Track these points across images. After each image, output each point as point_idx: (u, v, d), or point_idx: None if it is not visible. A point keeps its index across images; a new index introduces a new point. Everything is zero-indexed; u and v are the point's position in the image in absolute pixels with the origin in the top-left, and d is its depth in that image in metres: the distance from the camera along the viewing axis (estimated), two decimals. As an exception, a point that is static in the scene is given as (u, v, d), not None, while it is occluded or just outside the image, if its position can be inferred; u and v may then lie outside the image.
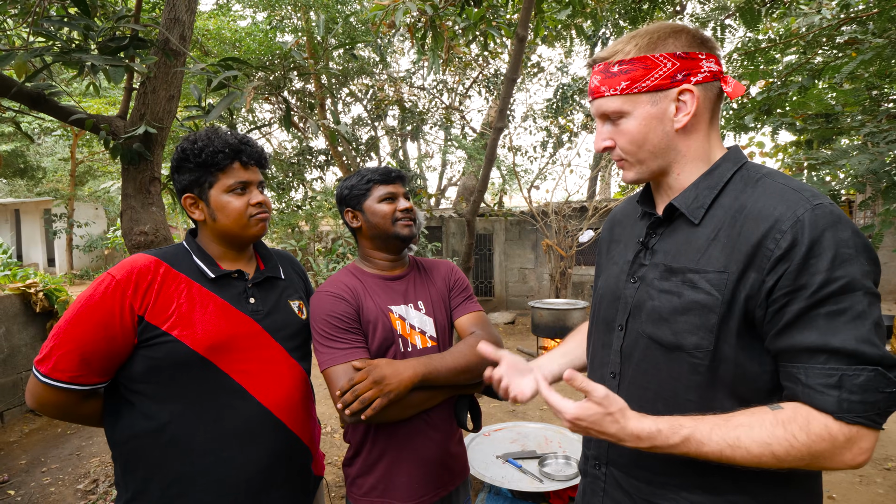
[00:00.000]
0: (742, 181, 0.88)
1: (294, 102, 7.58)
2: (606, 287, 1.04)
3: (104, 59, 1.84)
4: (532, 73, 9.10)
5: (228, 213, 1.22)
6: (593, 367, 1.09)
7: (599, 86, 0.91)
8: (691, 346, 0.84)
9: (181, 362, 1.11)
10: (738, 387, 0.83)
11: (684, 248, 0.89)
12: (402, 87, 8.46)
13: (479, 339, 1.35)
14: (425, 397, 1.28)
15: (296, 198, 9.33)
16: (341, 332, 1.28)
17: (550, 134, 8.95)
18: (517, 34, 2.72)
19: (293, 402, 1.24)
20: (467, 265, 4.05)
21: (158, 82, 2.37)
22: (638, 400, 0.93)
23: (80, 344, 1.06)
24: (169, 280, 1.15)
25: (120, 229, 8.25)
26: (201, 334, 1.13)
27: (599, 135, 0.94)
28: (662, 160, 0.92)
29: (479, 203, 3.66)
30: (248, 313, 1.21)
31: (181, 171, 1.22)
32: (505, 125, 3.45)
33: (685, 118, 0.88)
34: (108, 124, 2.34)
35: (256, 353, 1.20)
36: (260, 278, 1.28)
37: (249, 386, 1.17)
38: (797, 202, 0.79)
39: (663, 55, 0.87)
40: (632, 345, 0.94)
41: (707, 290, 0.83)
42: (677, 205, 0.91)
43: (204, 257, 1.23)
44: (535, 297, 9.20)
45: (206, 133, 1.23)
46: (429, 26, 2.78)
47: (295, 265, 1.47)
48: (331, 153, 8.79)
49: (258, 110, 9.42)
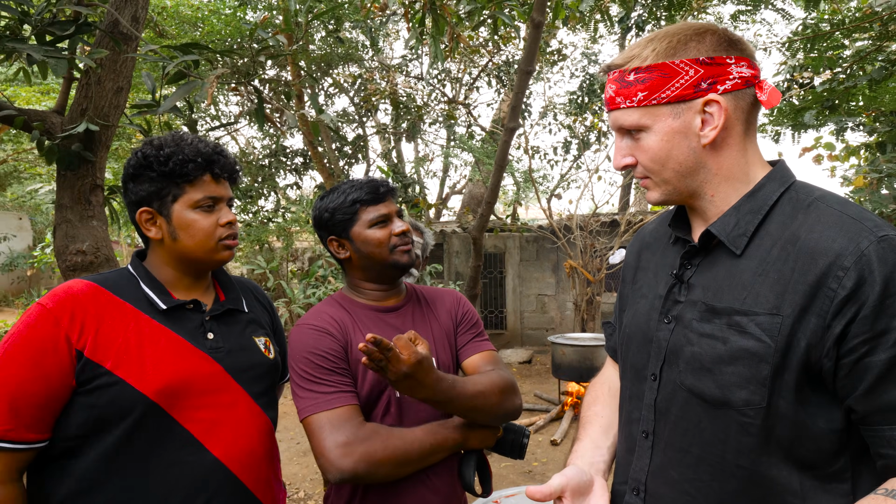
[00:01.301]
0: (791, 205, 0.90)
1: (267, 93, 7.70)
2: (635, 326, 1.04)
3: (43, 50, 1.88)
4: (552, 61, 9.24)
5: (193, 232, 1.23)
6: (622, 423, 1.08)
7: (615, 96, 0.94)
8: (740, 402, 0.84)
9: (127, 409, 1.10)
10: (797, 449, 0.83)
11: (727, 285, 0.90)
12: (397, 78, 8.58)
13: (499, 376, 1.36)
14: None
15: (266, 207, 9.40)
16: (326, 372, 1.28)
17: (574, 133, 9.05)
18: (532, 19, 2.78)
19: (255, 457, 1.25)
20: (474, 292, 4.06)
21: (104, 72, 2.41)
22: (678, 465, 0.92)
23: (8, 388, 1.06)
24: (112, 310, 1.15)
25: (49, 245, 8.27)
26: (152, 375, 1.12)
27: (619, 150, 0.97)
28: (691, 180, 0.94)
29: (488, 216, 3.70)
30: (207, 351, 1.22)
31: (139, 180, 1.23)
32: (518, 125, 3.50)
33: (713, 132, 0.90)
34: (41, 121, 2.37)
35: (215, 397, 1.20)
36: (220, 310, 1.30)
37: (204, 437, 1.17)
38: (859, 233, 0.81)
39: (684, 61, 0.89)
40: (668, 398, 0.95)
41: (757, 336, 0.84)
42: (715, 232, 0.93)
43: (153, 284, 1.24)
44: (556, 331, 9.18)
45: (174, 138, 1.25)
46: (428, 9, 2.85)
47: (259, 295, 1.49)
48: (310, 154, 8.88)
49: (223, 102, 9.56)
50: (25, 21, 1.98)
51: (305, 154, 9.25)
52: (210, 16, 7.08)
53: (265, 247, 8.46)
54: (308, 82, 7.49)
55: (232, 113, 9.55)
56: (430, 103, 9.14)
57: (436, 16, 2.88)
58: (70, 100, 2.50)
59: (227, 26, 6.92)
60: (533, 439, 5.29)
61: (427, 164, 11.45)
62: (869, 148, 3.49)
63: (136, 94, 7.00)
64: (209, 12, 7.15)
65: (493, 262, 9.76)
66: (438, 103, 9.18)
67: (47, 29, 1.99)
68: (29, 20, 1.97)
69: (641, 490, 0.98)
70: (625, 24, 5.95)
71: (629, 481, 1.01)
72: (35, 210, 16.48)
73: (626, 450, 1.03)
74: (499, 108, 9.84)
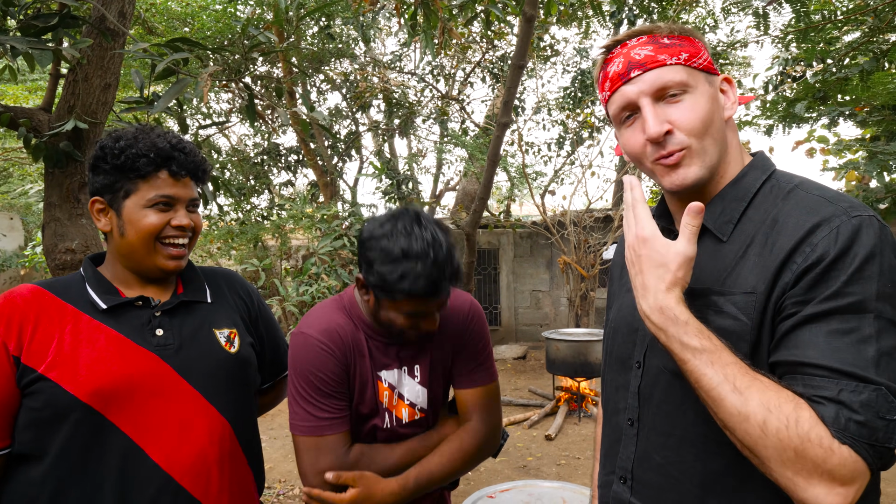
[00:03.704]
0: (772, 192, 0.92)
1: (258, 90, 7.65)
2: (620, 319, 1.05)
3: (27, 42, 1.85)
4: (545, 56, 9.24)
5: (138, 228, 1.17)
6: (607, 416, 1.09)
7: (655, 54, 0.91)
8: None
9: (61, 413, 1.07)
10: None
11: (708, 267, 0.92)
12: (389, 74, 8.55)
13: (476, 438, 1.36)
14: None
15: (260, 205, 9.37)
16: (324, 395, 1.26)
17: (567, 129, 9.05)
18: (524, 13, 2.77)
19: (206, 464, 1.17)
20: (467, 288, 4.06)
21: (92, 68, 2.39)
22: (661, 449, 0.93)
23: None
24: (51, 312, 1.13)
25: (40, 245, 8.22)
26: (84, 376, 1.08)
27: (656, 116, 0.90)
28: (719, 153, 0.94)
29: (482, 212, 3.69)
30: (152, 348, 1.16)
31: (96, 171, 1.21)
32: (511, 120, 3.49)
33: (734, 106, 0.94)
34: (28, 118, 2.35)
35: (160, 399, 1.14)
36: (173, 303, 1.23)
37: (146, 443, 1.11)
38: (833, 213, 0.82)
39: (700, 42, 0.95)
40: (651, 384, 0.96)
41: (734, 315, 0.86)
42: (703, 221, 0.93)
43: (99, 284, 1.20)
44: (550, 327, 9.20)
45: (136, 131, 1.21)
46: (420, 3, 2.83)
47: (235, 284, 1.42)
48: (303, 152, 8.85)
49: (214, 100, 9.50)
50: (9, 14, 1.96)
51: (299, 151, 9.21)
52: (199, 12, 7.03)
53: (259, 245, 8.43)
54: (299, 79, 7.45)
55: (223, 110, 9.48)
56: (422, 99, 9.11)
57: (427, 10, 2.87)
58: (57, 97, 2.48)
59: (216, 23, 6.87)
60: (527, 434, 5.30)
61: (420, 160, 11.42)
62: (862, 141, 3.50)
63: (125, 91, 6.94)
64: (199, 8, 7.09)
65: (487, 259, 9.77)
66: (432, 99, 9.16)
67: (31, 22, 1.96)
68: (13, 13, 1.94)
69: (628, 478, 0.99)
70: (617, 19, 5.95)
71: (616, 470, 1.02)
72: (26, 210, 16.38)
73: (613, 440, 1.04)
74: (492, 103, 9.82)
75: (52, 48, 1.93)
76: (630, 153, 0.97)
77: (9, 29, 2.02)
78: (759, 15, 3.82)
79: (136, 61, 5.97)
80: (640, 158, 0.95)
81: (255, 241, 8.16)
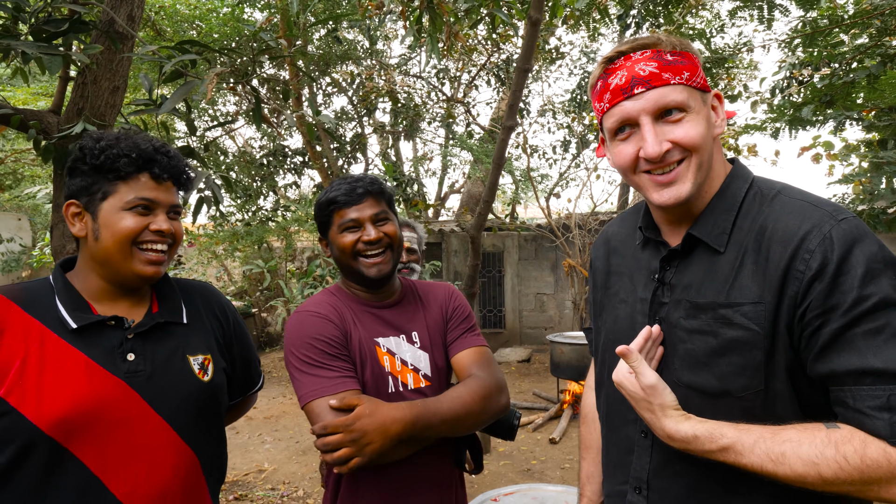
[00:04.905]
0: (756, 200, 0.95)
1: (265, 93, 7.68)
2: (619, 332, 1.06)
3: (38, 47, 1.87)
4: (550, 59, 9.24)
5: (114, 230, 1.11)
6: (609, 426, 1.10)
7: (659, 72, 0.92)
8: (740, 389, 0.88)
9: (19, 442, 1.00)
10: (801, 422, 0.86)
11: (708, 280, 0.94)
12: (395, 76, 8.58)
13: (481, 383, 1.34)
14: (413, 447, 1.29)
15: (265, 207, 9.40)
16: (329, 357, 1.28)
17: (573, 132, 9.05)
18: (529, 16, 2.77)
19: (168, 498, 1.11)
20: (472, 290, 4.06)
21: (100, 71, 2.41)
22: (681, 460, 0.94)
23: None
24: (15, 328, 1.05)
25: (48, 246, 8.26)
26: (48, 405, 1.01)
27: (657, 135, 0.92)
28: (707, 170, 0.97)
29: (486, 215, 3.69)
30: (122, 375, 1.09)
31: (74, 173, 1.16)
32: (516, 123, 3.50)
33: (722, 124, 0.97)
34: (38, 121, 2.37)
35: (125, 430, 1.07)
36: (148, 325, 1.16)
37: (106, 475, 1.05)
38: (821, 218, 0.86)
39: (696, 58, 0.97)
40: None
41: (745, 326, 0.88)
42: (699, 235, 0.96)
43: (70, 298, 1.12)
44: (554, 330, 9.18)
45: (119, 133, 1.17)
46: (425, 7, 2.84)
47: (212, 301, 1.34)
48: (308, 154, 8.87)
49: (221, 103, 9.55)
50: (20, 19, 1.98)
51: (304, 153, 9.24)
52: (208, 14, 7.07)
53: (264, 246, 8.46)
54: (305, 82, 7.48)
55: (230, 112, 9.53)
56: (428, 102, 9.13)
57: (433, 14, 2.88)
58: (66, 100, 2.50)
59: (224, 25, 6.91)
60: (531, 437, 5.29)
61: (426, 162, 11.44)
62: (869, 145, 3.49)
63: (134, 93, 6.99)
64: (207, 11, 7.14)
65: (491, 261, 9.76)
66: (437, 102, 9.17)
67: (42, 27, 1.99)
68: (24, 18, 1.97)
69: (644, 487, 1.00)
70: (623, 22, 5.95)
71: (630, 480, 1.03)
72: (34, 211, 16.48)
73: (623, 451, 1.05)
74: (498, 106, 9.83)
75: (63, 53, 1.95)
76: (619, 165, 0.99)
77: (20, 34, 2.04)
78: (763, 19, 3.82)
79: (145, 64, 6.01)
80: (628, 171, 0.98)
81: (260, 243, 8.20)
